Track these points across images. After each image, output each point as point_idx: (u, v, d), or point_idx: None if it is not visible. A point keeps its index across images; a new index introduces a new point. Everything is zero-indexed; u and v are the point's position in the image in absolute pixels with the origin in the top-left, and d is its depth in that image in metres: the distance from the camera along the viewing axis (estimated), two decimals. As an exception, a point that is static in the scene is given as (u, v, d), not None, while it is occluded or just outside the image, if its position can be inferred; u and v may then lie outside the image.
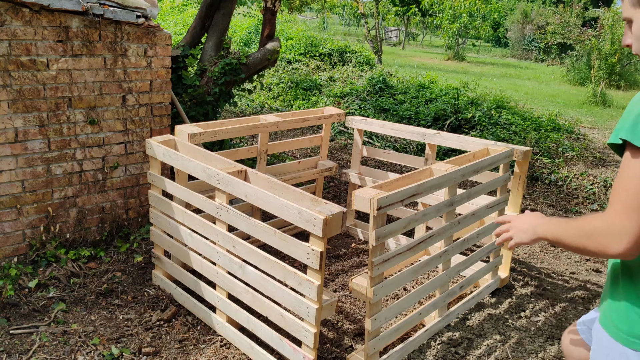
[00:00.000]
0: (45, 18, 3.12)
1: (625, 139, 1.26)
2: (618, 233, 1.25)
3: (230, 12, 4.94)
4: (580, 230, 1.35)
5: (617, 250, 1.26)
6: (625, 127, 1.27)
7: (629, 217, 1.24)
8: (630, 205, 1.23)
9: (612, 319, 1.46)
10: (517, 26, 26.45)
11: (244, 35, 13.50)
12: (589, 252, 1.34)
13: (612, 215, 1.27)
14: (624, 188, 1.26)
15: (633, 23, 1.40)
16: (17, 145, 3.18)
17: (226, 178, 2.50)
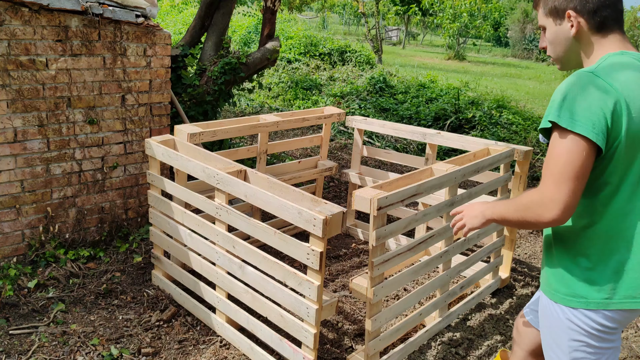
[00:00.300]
0: (44, 17, 3.12)
1: (553, 121, 1.44)
2: (550, 202, 1.44)
3: (230, 12, 4.93)
4: (519, 205, 1.53)
5: (550, 217, 1.44)
6: (552, 112, 1.45)
7: (559, 188, 1.42)
8: (559, 178, 1.42)
9: (550, 284, 1.64)
10: (517, 25, 26.46)
11: (244, 35, 13.50)
12: (528, 223, 1.51)
13: (544, 188, 1.46)
14: (553, 164, 1.44)
15: (547, 30, 1.64)
16: (16, 145, 3.17)
17: (226, 178, 2.49)
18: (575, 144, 1.41)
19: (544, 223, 1.46)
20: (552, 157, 1.45)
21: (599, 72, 1.47)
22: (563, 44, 1.61)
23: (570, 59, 1.65)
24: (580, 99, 1.42)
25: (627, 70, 1.49)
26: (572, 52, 1.61)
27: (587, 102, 1.41)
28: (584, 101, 1.41)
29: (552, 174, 1.43)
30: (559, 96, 1.45)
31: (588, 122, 1.40)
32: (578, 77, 1.46)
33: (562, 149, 1.42)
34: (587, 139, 1.40)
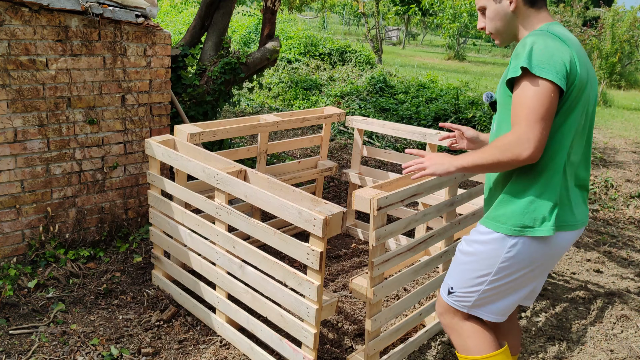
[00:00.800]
0: (44, 17, 3.12)
1: (524, 67, 1.60)
2: (526, 141, 1.58)
3: (230, 12, 4.93)
4: (494, 148, 1.65)
5: (526, 154, 1.59)
6: (522, 61, 1.61)
7: (533, 128, 1.58)
8: (533, 119, 1.58)
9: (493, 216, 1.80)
10: (517, 26, 26.42)
11: (244, 35, 13.49)
12: (503, 163, 1.63)
13: (518, 129, 1.60)
14: (526, 107, 1.60)
15: (487, 9, 1.84)
16: (16, 145, 3.17)
17: (226, 178, 2.49)
18: (545, 88, 1.58)
19: (520, 161, 1.60)
20: (523, 101, 1.61)
21: (553, 30, 1.70)
22: (503, 19, 1.82)
23: (509, 33, 1.85)
24: (545, 51, 1.61)
25: (570, 35, 1.73)
26: (511, 26, 1.83)
27: (551, 53, 1.61)
28: (548, 52, 1.61)
29: (525, 116, 1.59)
30: (526, 49, 1.63)
31: (553, 69, 1.59)
32: (538, 34, 1.67)
33: (533, 93, 1.59)
34: (553, 83, 1.59)
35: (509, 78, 1.67)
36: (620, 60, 13.93)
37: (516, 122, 1.62)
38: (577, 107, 1.70)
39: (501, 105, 1.81)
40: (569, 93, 1.65)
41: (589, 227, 4.85)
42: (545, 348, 2.93)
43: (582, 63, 1.68)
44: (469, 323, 1.92)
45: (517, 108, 1.63)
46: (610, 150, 7.33)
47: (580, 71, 1.65)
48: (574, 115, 1.70)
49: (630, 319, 3.28)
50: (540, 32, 1.68)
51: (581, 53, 1.70)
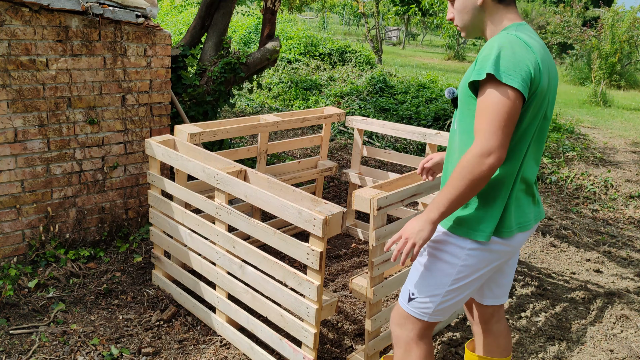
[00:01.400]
0: (44, 18, 3.12)
1: (491, 72, 1.58)
2: (491, 149, 1.57)
3: (230, 12, 4.94)
4: (460, 172, 1.61)
5: (493, 162, 1.58)
6: (488, 66, 1.58)
7: (496, 135, 1.57)
8: (495, 126, 1.57)
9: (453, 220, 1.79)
10: (517, 26, 26.42)
11: (244, 35, 13.49)
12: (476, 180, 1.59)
13: (482, 138, 1.59)
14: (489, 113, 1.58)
15: (455, 1, 1.82)
16: (16, 145, 3.18)
17: (226, 178, 2.49)
18: (509, 96, 1.57)
19: (490, 172, 1.59)
20: (487, 108, 1.59)
21: (520, 36, 1.66)
22: (470, 13, 1.80)
23: (475, 27, 1.83)
24: (512, 57, 1.59)
25: (536, 38, 1.72)
26: (478, 21, 1.81)
27: (517, 60, 1.59)
28: (515, 59, 1.59)
29: (488, 124, 1.58)
30: (493, 53, 1.60)
31: (519, 76, 1.58)
32: (507, 38, 1.64)
33: (498, 100, 1.58)
34: (517, 90, 1.58)
35: (472, 80, 1.66)
36: (620, 60, 13.94)
37: (479, 130, 1.61)
38: (537, 115, 1.70)
39: (462, 102, 1.79)
40: (530, 101, 1.65)
41: (589, 227, 4.86)
42: (545, 348, 2.93)
43: (545, 70, 1.68)
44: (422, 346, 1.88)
45: (481, 115, 1.61)
46: (610, 150, 7.33)
47: (542, 79, 1.65)
48: (532, 123, 1.71)
49: (630, 318, 3.29)
50: (508, 35, 1.66)
51: (545, 58, 1.69)
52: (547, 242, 4.40)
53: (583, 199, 5.66)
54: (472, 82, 1.68)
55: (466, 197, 1.63)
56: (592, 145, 7.45)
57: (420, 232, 1.68)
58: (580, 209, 5.37)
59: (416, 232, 1.69)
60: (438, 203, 1.67)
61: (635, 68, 15.46)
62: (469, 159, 1.60)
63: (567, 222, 4.91)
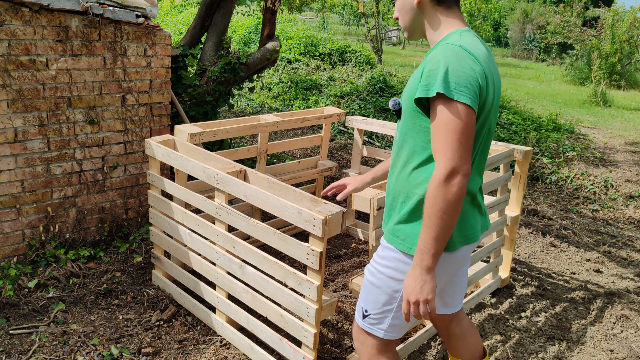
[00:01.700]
0: (44, 18, 3.12)
1: (440, 92, 1.50)
2: (455, 169, 1.51)
3: (230, 12, 4.94)
4: (434, 205, 1.53)
5: (461, 180, 1.51)
6: (437, 83, 1.51)
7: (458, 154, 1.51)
8: (454, 147, 1.51)
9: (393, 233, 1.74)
10: (517, 26, 26.45)
11: (244, 35, 13.49)
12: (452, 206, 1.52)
13: (443, 161, 1.52)
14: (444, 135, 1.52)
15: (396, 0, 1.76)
16: (16, 145, 3.18)
17: (225, 178, 2.49)
18: (463, 112, 1.51)
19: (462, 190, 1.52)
20: (442, 127, 1.52)
21: (466, 46, 1.58)
22: (409, 13, 1.74)
23: (416, 29, 1.76)
24: (462, 73, 1.52)
25: (480, 47, 1.64)
26: (417, 22, 1.74)
27: (467, 74, 1.52)
28: (464, 74, 1.52)
29: (447, 145, 1.52)
30: (440, 68, 1.53)
31: (471, 92, 1.51)
32: (452, 51, 1.55)
33: (452, 118, 1.51)
34: (470, 107, 1.52)
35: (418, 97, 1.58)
36: (620, 60, 13.94)
37: (438, 152, 1.54)
38: (483, 128, 1.66)
39: (406, 115, 1.70)
40: (479, 115, 1.61)
41: (589, 227, 4.86)
42: (545, 348, 2.93)
43: (491, 81, 1.62)
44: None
45: (437, 136, 1.54)
46: (609, 150, 7.33)
47: (489, 92, 1.60)
48: (479, 135, 1.66)
49: (630, 318, 3.29)
50: (453, 47, 1.56)
51: (490, 68, 1.63)
52: (547, 242, 4.40)
53: (583, 199, 5.66)
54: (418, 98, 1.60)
55: (450, 226, 1.55)
56: (592, 145, 7.45)
57: (424, 287, 1.57)
58: (580, 209, 5.37)
59: (419, 289, 1.57)
60: (426, 247, 1.56)
61: (635, 68, 15.46)
62: (437, 187, 1.52)
63: (567, 222, 4.91)
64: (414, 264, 1.59)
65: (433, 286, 1.58)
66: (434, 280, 1.59)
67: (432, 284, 1.58)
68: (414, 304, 1.60)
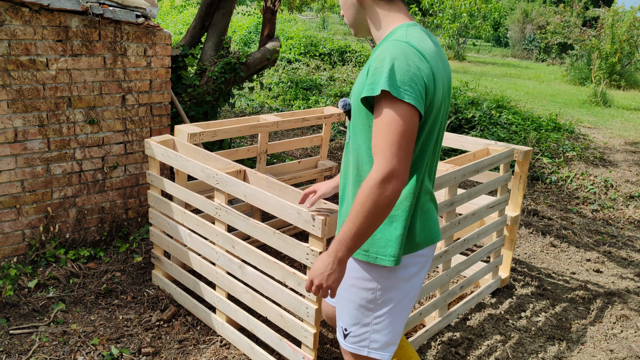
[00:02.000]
0: (44, 18, 3.12)
1: (385, 89, 1.44)
2: (392, 172, 1.44)
3: (230, 12, 4.94)
4: (363, 203, 1.46)
5: (396, 186, 1.45)
6: (382, 81, 1.44)
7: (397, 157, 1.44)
8: (394, 149, 1.44)
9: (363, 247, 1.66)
10: (517, 26, 26.45)
11: (244, 35, 13.49)
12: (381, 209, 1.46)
13: (381, 162, 1.45)
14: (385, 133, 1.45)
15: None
16: (16, 145, 3.18)
17: (225, 178, 2.49)
18: (406, 113, 1.44)
19: (395, 196, 1.46)
20: (384, 128, 1.46)
21: (413, 43, 1.51)
22: (350, 9, 1.68)
23: (360, 25, 1.70)
24: (407, 71, 1.45)
25: (428, 42, 1.57)
26: (360, 19, 1.68)
27: (412, 73, 1.46)
28: (410, 72, 1.45)
29: (387, 145, 1.45)
30: (385, 65, 1.46)
31: (415, 92, 1.45)
32: (399, 47, 1.48)
33: (394, 119, 1.45)
34: (414, 107, 1.45)
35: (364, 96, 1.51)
36: (619, 60, 13.94)
37: (377, 152, 1.47)
38: (434, 128, 1.60)
39: (355, 115, 1.63)
40: (427, 115, 1.54)
41: (589, 227, 4.86)
42: (545, 348, 2.93)
43: (440, 79, 1.56)
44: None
45: (378, 135, 1.47)
46: (609, 151, 7.33)
47: (437, 91, 1.54)
48: (430, 136, 1.60)
49: (630, 318, 3.29)
50: (399, 43, 1.49)
51: (438, 64, 1.57)
52: (547, 242, 4.40)
53: (583, 199, 5.66)
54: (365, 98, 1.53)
55: (373, 227, 1.49)
56: (592, 145, 7.45)
57: (330, 275, 1.54)
58: (580, 209, 5.37)
59: (326, 276, 1.54)
60: (345, 239, 1.51)
61: (635, 68, 15.46)
62: (371, 187, 1.45)
63: (567, 222, 4.91)
64: (329, 249, 1.55)
65: (339, 277, 1.56)
66: (342, 272, 1.56)
67: (338, 275, 1.55)
68: (317, 286, 1.57)
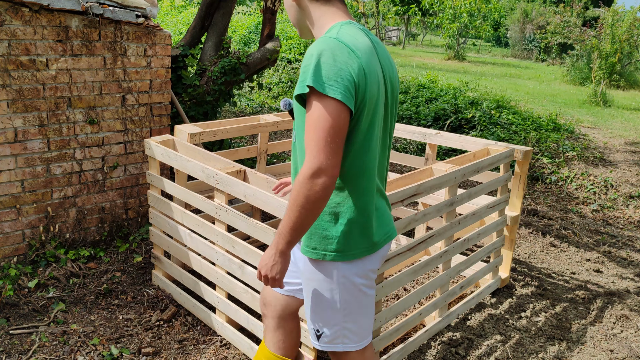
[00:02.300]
0: (44, 18, 3.12)
1: (311, 85, 1.45)
2: (321, 168, 1.46)
3: (230, 12, 4.94)
4: (296, 198, 1.49)
5: (325, 181, 1.47)
6: (308, 78, 1.46)
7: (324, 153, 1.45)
8: (321, 144, 1.45)
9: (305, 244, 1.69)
10: (517, 26, 26.46)
11: (244, 35, 13.50)
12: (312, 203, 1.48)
13: (310, 158, 1.47)
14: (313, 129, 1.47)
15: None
16: (16, 145, 3.18)
17: (225, 178, 2.49)
18: (333, 108, 1.45)
19: (325, 191, 1.48)
20: (312, 124, 1.47)
21: (342, 39, 1.51)
22: (291, 10, 1.70)
23: (302, 26, 1.72)
24: (333, 66, 1.46)
25: (362, 39, 1.57)
26: (300, 20, 1.70)
27: (338, 68, 1.46)
28: (335, 67, 1.46)
29: (315, 141, 1.46)
30: (312, 62, 1.47)
31: (341, 86, 1.45)
32: (326, 43, 1.49)
33: (321, 114, 1.46)
34: (341, 103, 1.46)
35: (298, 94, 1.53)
36: (620, 60, 13.94)
37: (307, 149, 1.49)
38: (374, 123, 1.59)
39: (296, 114, 1.65)
40: (361, 111, 1.53)
41: (589, 227, 4.86)
42: (545, 348, 2.93)
43: (373, 74, 1.54)
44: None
45: (307, 132, 1.49)
46: (609, 150, 7.33)
47: (369, 86, 1.52)
48: (372, 131, 1.59)
49: (630, 319, 3.29)
50: (328, 39, 1.50)
51: (371, 61, 1.55)
52: (547, 242, 4.40)
53: (583, 199, 5.66)
54: (299, 95, 1.54)
55: (308, 221, 1.52)
56: (592, 145, 7.45)
57: (274, 267, 1.60)
58: (580, 209, 5.37)
59: (270, 267, 1.60)
60: (283, 232, 1.56)
61: (635, 68, 15.46)
62: (301, 182, 1.48)
63: (567, 222, 4.91)
64: (273, 242, 1.60)
65: (282, 268, 1.60)
66: (286, 263, 1.61)
67: (281, 266, 1.60)
68: (263, 276, 1.63)
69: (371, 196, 1.66)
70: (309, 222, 1.53)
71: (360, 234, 1.65)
